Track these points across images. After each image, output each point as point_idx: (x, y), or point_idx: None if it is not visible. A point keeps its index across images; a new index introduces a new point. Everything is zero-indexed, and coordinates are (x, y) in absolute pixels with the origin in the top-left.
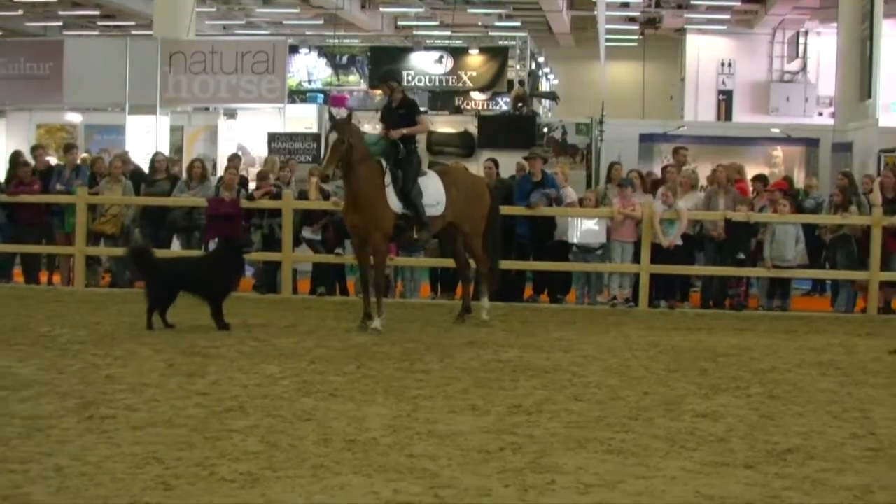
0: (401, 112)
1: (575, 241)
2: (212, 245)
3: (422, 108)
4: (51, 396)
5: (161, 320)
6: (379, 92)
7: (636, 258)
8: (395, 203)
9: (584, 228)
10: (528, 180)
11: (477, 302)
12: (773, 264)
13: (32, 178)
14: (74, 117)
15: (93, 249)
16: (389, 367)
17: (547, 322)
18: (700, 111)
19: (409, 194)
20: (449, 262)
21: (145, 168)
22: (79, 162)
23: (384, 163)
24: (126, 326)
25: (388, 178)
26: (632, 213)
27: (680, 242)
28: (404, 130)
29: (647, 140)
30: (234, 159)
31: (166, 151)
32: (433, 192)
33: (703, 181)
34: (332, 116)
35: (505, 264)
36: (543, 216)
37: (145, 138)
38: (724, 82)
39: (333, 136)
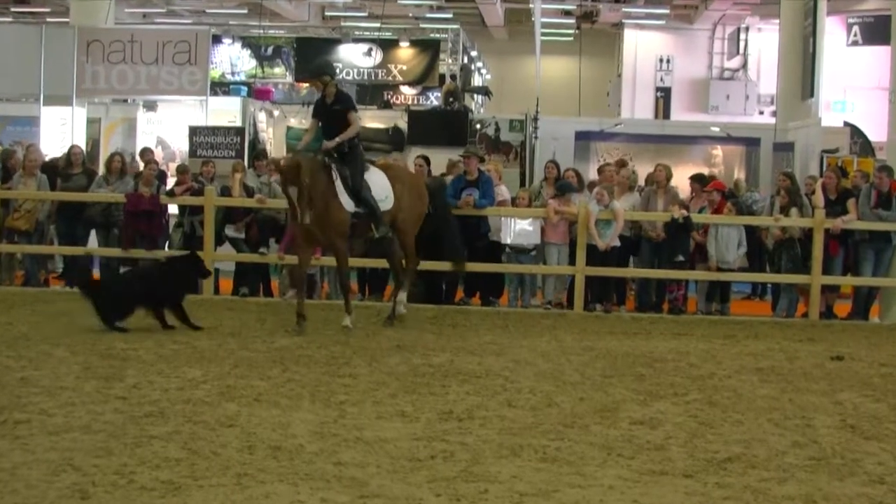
0: (336, 108)
1: (508, 241)
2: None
3: None
4: None
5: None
6: (305, 85)
7: (571, 260)
8: (347, 203)
9: (517, 229)
10: (462, 179)
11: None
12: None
13: None
14: None
15: (4, 247)
16: (315, 372)
17: (478, 325)
18: (637, 109)
19: (360, 192)
20: (377, 263)
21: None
22: None
23: (331, 164)
24: (40, 327)
25: (337, 181)
26: (567, 212)
27: (617, 244)
28: (337, 140)
29: (583, 138)
30: (146, 153)
31: (82, 144)
32: (380, 186)
33: (640, 181)
34: (277, 164)
35: (434, 265)
36: (475, 216)
37: (60, 130)
38: (662, 79)
39: (293, 189)
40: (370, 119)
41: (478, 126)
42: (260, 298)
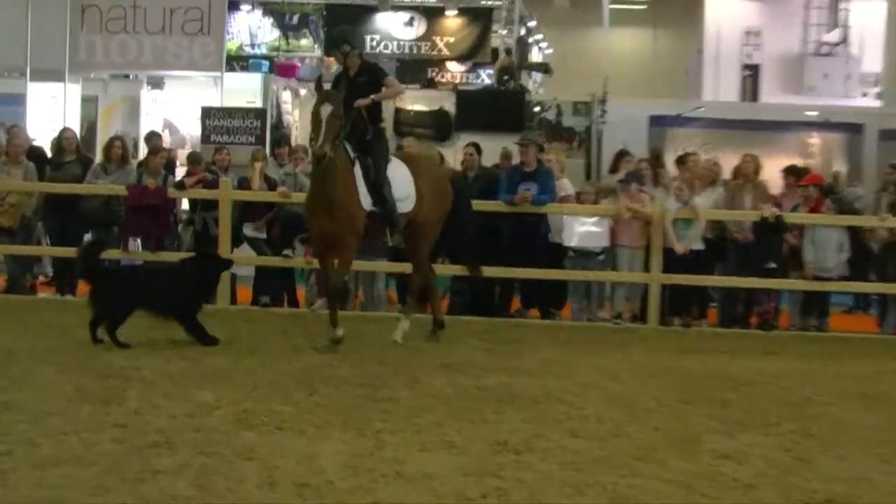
0: (361, 81)
1: (571, 244)
2: (133, 245)
3: None
4: None
5: (110, 338)
6: (334, 59)
7: (645, 266)
8: (365, 199)
9: (582, 230)
10: (519, 171)
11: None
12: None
13: None
14: None
15: None
16: (348, 395)
17: (537, 341)
18: (721, 90)
19: (382, 188)
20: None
21: (49, 147)
22: None
23: (349, 149)
24: (26, 341)
25: (357, 169)
26: (641, 210)
27: (699, 247)
28: (373, 96)
29: (658, 124)
30: (152, 138)
31: (76, 127)
32: (402, 183)
33: (724, 175)
34: (320, 86)
35: (487, 271)
36: (533, 214)
37: (51, 111)
38: (749, 55)
39: (326, 108)
40: (411, 101)
41: (536, 109)
42: (283, 309)
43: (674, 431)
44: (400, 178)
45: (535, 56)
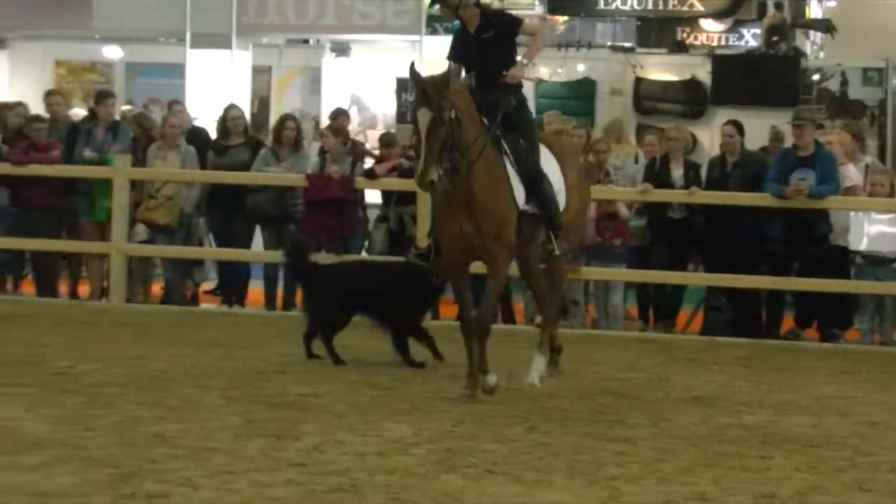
0: (486, 37)
1: (861, 248)
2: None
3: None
4: (72, 464)
5: (327, 352)
6: (562, 19)
7: None
8: (519, 194)
9: (873, 230)
10: (791, 156)
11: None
12: None
13: (49, 139)
14: (110, 52)
15: (138, 248)
16: (574, 433)
17: (815, 370)
18: None
19: (539, 180)
20: (656, 275)
21: (212, 128)
22: (116, 117)
23: (493, 129)
24: (185, 362)
25: (506, 159)
26: None
27: None
28: (523, 60)
29: None
30: (336, 116)
31: (245, 104)
32: (549, 171)
33: None
34: (415, 74)
35: (750, 282)
36: (809, 210)
37: (214, 84)
38: None
39: (424, 113)
40: (656, 68)
41: (815, 78)
42: (497, 325)
43: None
44: (547, 168)
45: (814, 11)
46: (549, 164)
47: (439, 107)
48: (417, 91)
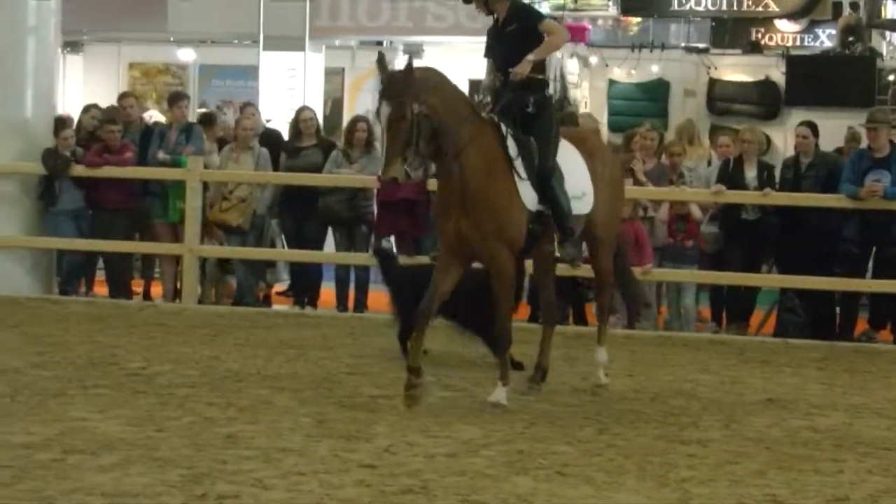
0: (510, 30)
1: None
2: (385, 244)
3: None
4: (144, 464)
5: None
6: (635, 20)
7: None
8: (529, 196)
9: None
10: (866, 157)
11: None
12: None
13: (123, 142)
14: (184, 54)
15: (211, 249)
16: (646, 435)
17: (889, 372)
18: None
19: (550, 180)
20: (730, 278)
21: (285, 130)
22: (190, 119)
23: (503, 126)
24: (257, 363)
25: (513, 152)
26: None
27: None
28: (530, 57)
29: None
30: None
31: (318, 106)
32: (576, 175)
33: None
34: (381, 62)
35: (824, 283)
36: (885, 211)
37: (287, 86)
38: None
39: (384, 108)
40: (730, 69)
41: (890, 78)
42: (568, 327)
43: None
44: (573, 168)
45: (890, 11)
46: (575, 163)
47: (399, 102)
48: (381, 86)
